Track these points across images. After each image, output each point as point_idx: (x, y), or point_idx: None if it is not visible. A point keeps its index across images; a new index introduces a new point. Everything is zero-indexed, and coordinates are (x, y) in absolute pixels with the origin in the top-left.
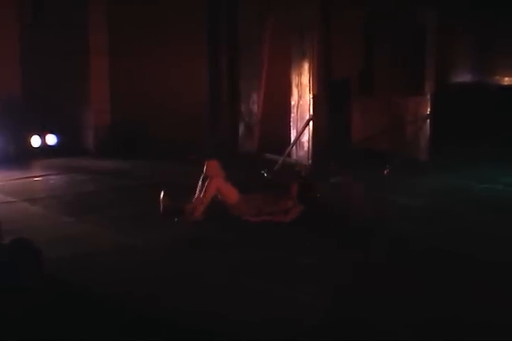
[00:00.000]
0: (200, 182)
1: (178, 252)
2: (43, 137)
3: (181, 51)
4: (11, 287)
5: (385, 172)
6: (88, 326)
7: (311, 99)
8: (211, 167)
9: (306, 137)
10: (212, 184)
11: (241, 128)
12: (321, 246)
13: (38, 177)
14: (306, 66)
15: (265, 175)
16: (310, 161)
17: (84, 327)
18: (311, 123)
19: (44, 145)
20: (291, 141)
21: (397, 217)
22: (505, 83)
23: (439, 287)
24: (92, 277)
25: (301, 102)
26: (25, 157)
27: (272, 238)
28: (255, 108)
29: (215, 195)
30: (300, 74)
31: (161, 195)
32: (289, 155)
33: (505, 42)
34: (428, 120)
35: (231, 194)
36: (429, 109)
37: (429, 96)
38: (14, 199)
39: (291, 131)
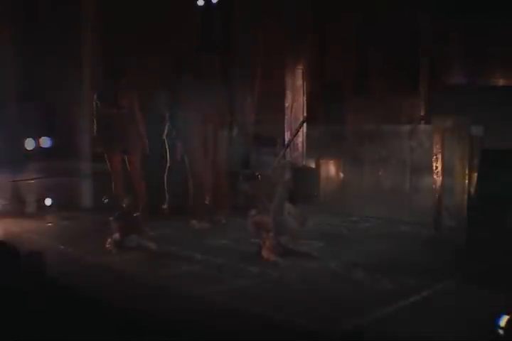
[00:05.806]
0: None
1: (180, 255)
2: (36, 140)
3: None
4: None
5: (379, 173)
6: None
7: (305, 101)
8: None
9: (300, 139)
10: None
11: (235, 130)
12: None
13: (31, 180)
14: (299, 68)
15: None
16: (304, 162)
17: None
18: (304, 124)
19: (38, 148)
20: (285, 143)
21: None
22: (500, 84)
23: None
24: (90, 281)
25: (294, 104)
26: (19, 159)
27: None
28: (249, 110)
29: None
30: (294, 77)
31: None
32: (284, 156)
33: (499, 43)
34: (422, 121)
35: None
36: (423, 111)
37: (423, 98)
38: (7, 202)
39: (285, 133)
